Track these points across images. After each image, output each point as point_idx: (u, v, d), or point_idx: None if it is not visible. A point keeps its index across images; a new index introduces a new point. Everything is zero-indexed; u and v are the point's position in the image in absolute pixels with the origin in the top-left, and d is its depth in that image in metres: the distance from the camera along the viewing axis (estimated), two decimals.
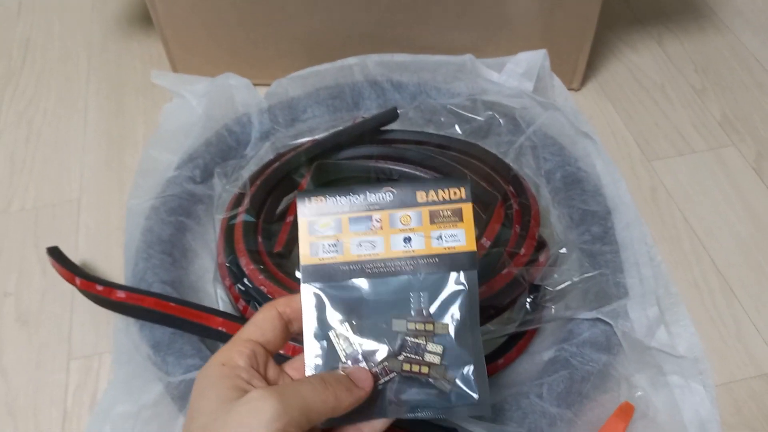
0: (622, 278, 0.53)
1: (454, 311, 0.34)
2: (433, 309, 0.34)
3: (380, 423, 0.33)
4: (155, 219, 0.58)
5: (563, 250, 0.54)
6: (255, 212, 0.56)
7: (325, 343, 0.34)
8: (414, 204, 0.35)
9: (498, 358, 0.51)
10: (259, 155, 0.62)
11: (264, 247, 0.54)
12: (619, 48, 0.80)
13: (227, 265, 0.53)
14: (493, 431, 0.46)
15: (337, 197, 0.34)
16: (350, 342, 0.34)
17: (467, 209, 0.35)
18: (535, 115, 0.64)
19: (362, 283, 0.34)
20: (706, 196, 0.64)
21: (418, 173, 0.60)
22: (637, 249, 0.55)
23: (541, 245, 0.54)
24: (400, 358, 0.33)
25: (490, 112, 0.64)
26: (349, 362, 0.33)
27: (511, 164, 0.60)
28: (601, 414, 0.48)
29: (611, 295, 0.52)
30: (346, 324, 0.34)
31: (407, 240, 0.34)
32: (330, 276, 0.34)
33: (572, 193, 0.59)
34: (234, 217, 0.56)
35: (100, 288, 0.53)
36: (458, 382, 0.34)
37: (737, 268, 0.59)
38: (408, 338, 0.34)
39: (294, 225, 0.55)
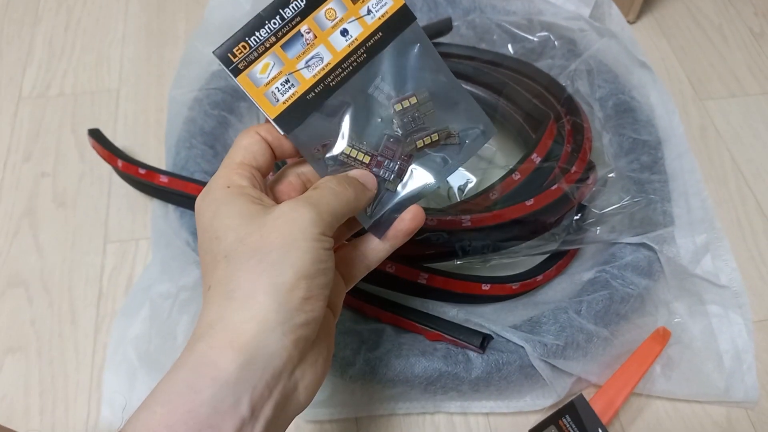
0: (669, 207, 0.52)
1: (424, 70, 0.33)
2: (404, 81, 0.33)
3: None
4: (198, 110, 0.57)
5: (612, 175, 0.53)
6: None
7: (335, 166, 0.33)
8: None
9: (537, 274, 0.51)
10: None
11: None
12: None
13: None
14: (530, 341, 0.46)
15: (256, 33, 0.31)
16: (356, 157, 0.33)
17: None
18: (591, 41, 0.62)
19: (334, 100, 0.32)
20: (756, 139, 0.63)
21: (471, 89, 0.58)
22: (687, 179, 0.54)
23: (590, 166, 0.53)
24: (408, 140, 0.33)
25: (546, 33, 0.62)
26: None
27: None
28: (637, 336, 0.48)
29: (657, 222, 0.51)
30: (343, 145, 0.32)
31: (345, 33, 0.32)
32: (302, 113, 0.32)
33: (623, 122, 0.57)
34: None
35: (142, 171, 0.52)
36: (460, 127, 0.33)
37: None
38: (401, 120, 0.33)
39: None
